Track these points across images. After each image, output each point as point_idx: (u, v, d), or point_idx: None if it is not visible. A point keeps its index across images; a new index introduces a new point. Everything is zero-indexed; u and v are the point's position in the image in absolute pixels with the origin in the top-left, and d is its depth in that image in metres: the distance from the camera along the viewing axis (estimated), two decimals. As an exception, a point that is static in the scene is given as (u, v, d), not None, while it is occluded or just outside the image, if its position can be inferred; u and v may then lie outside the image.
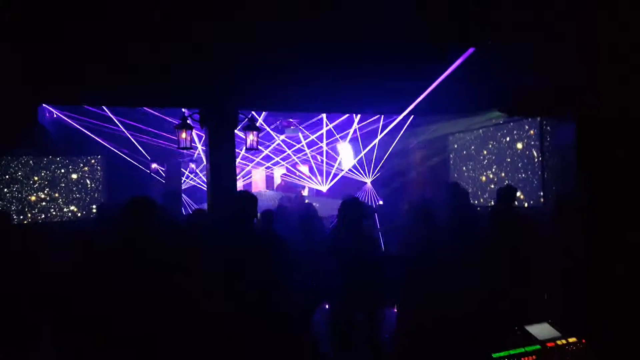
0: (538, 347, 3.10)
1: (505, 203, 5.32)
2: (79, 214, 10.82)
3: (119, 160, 10.25)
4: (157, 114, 8.96)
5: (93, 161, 10.96)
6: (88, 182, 10.94)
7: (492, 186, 9.46)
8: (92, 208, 10.76)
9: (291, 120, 10.01)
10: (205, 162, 7.13)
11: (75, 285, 3.22)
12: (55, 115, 8.92)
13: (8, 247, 3.78)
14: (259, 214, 4.76)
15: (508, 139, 9.15)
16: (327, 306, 5.01)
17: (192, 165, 11.61)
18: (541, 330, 3.28)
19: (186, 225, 4.94)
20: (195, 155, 10.73)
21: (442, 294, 3.78)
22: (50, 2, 4.20)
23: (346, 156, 11.71)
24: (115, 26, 4.62)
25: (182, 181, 11.67)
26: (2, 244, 3.82)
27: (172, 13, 4.53)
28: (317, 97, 6.56)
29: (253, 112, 6.59)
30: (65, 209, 10.76)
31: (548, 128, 8.16)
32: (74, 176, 10.84)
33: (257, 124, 6.28)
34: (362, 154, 11.14)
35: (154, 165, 10.84)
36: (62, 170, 10.76)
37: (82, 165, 10.91)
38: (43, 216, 10.50)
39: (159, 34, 4.84)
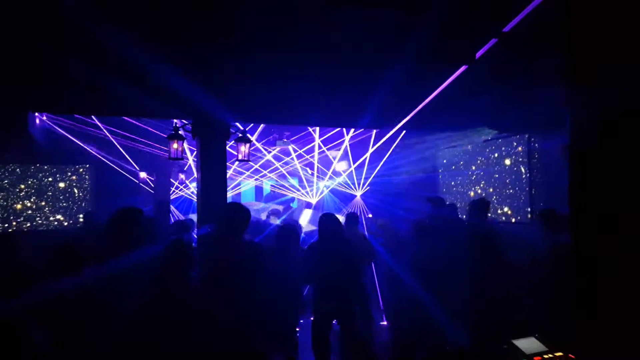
0: (525, 361, 3.13)
1: (480, 215, 5.39)
2: (66, 223, 10.71)
3: (108, 169, 10.19)
4: (141, 125, 8.96)
5: (81, 170, 10.88)
6: (76, 190, 10.85)
7: (481, 201, 9.54)
8: (79, 217, 10.65)
9: (285, 133, 10.07)
10: (195, 173, 7.12)
11: (57, 297, 3.19)
12: (44, 123, 8.87)
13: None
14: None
15: (496, 155, 9.26)
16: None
17: (182, 176, 11.57)
18: (528, 344, 3.31)
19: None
20: (186, 166, 10.72)
21: (436, 305, 3.82)
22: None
23: (341, 170, 11.76)
24: (107, 31, 4.61)
25: (171, 191, 11.62)
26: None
27: (166, 19, 4.54)
28: (310, 111, 6.61)
29: (238, 124, 6.61)
30: (51, 218, 10.65)
31: (536, 145, 8.28)
32: (62, 185, 10.75)
33: (251, 136, 6.29)
34: (353, 167, 11.20)
35: (142, 175, 10.79)
36: (50, 179, 10.66)
37: (70, 173, 10.82)
38: (28, 224, 10.38)
39: (151, 42, 4.85)
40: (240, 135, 6.00)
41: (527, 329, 3.51)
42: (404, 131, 9.66)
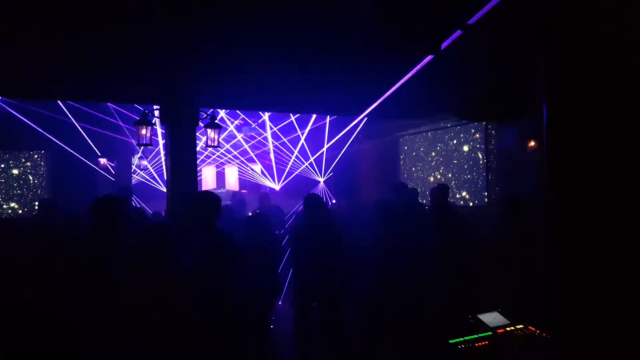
0: (490, 333, 3.38)
1: (440, 201, 5.65)
2: (20, 211, 10.34)
3: (65, 155, 9.86)
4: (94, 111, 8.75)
5: (36, 156, 10.50)
6: (30, 177, 10.47)
7: (440, 186, 9.89)
8: (35, 205, 10.31)
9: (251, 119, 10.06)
10: (163, 158, 7.03)
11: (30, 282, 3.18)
12: (-1, 107, 8.50)
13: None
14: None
15: (455, 141, 9.61)
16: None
17: (144, 162, 11.35)
18: (492, 318, 3.57)
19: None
20: (140, 150, 10.51)
21: (406, 286, 4.00)
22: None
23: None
24: (69, 10, 4.46)
25: (132, 178, 11.39)
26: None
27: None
28: (276, 98, 6.66)
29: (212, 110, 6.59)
30: (5, 206, 10.26)
31: (493, 132, 8.65)
32: (15, 171, 10.36)
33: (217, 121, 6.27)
34: (315, 155, 11.32)
35: (102, 161, 10.53)
36: (2, 165, 10.25)
37: (24, 160, 10.43)
38: (-20, 212, 9.98)
39: (116, 24, 4.73)
40: (209, 120, 5.99)
41: (488, 304, 3.76)
42: (366, 119, 9.86)
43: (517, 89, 5.81)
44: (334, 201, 11.01)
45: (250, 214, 6.75)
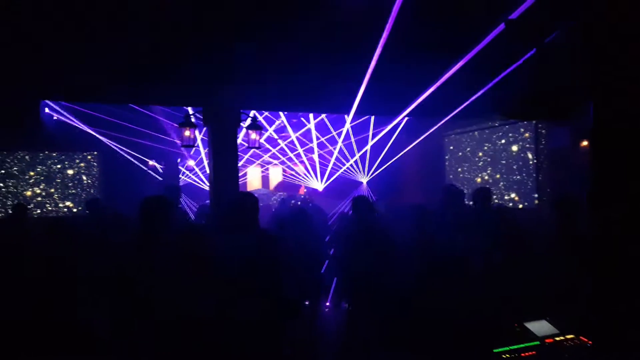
0: (537, 342, 3.21)
1: (484, 203, 5.44)
2: (75, 210, 10.81)
3: (116, 156, 10.24)
4: (147, 112, 9.00)
5: (90, 157, 10.95)
6: (84, 177, 10.93)
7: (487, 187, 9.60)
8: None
9: (292, 120, 10.10)
10: (206, 160, 7.14)
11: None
12: (53, 110, 8.92)
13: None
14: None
15: (503, 141, 9.29)
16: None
17: (191, 163, 11.61)
18: (540, 327, 3.39)
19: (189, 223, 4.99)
20: (192, 151, 10.75)
21: (445, 290, 3.87)
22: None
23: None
24: (116, 20, 4.63)
25: (180, 179, 11.68)
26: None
27: (174, 9, 4.55)
28: (318, 98, 6.64)
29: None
30: (60, 204, 10.75)
31: (543, 131, 8.30)
32: (70, 172, 10.83)
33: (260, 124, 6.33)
34: (357, 155, 11.23)
35: (151, 162, 10.85)
36: (59, 166, 10.75)
37: (78, 161, 10.90)
38: (39, 211, 10.49)
39: (162, 31, 4.87)
40: (251, 122, 6.03)
41: (536, 311, 3.58)
42: (407, 118, 9.69)
43: (569, 86, 5.52)
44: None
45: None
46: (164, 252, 3.22)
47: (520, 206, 8.81)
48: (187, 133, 5.64)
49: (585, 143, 7.08)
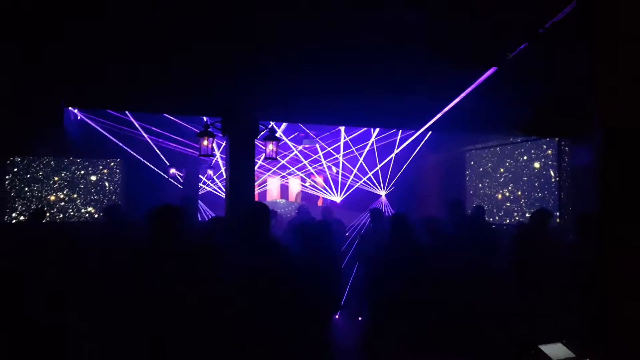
0: (552, 367, 3.10)
1: (538, 224, 5.34)
2: (97, 215, 11.00)
3: (138, 164, 10.39)
4: (176, 119, 9.11)
5: (112, 164, 11.16)
6: (106, 184, 11.13)
7: (508, 204, 9.43)
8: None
9: (309, 132, 10.11)
10: (223, 169, 7.18)
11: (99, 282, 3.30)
12: (78, 117, 9.11)
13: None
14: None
15: (525, 157, 9.13)
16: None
17: (210, 172, 11.72)
18: (556, 350, 3.28)
19: (202, 232, 4.98)
20: (213, 161, 10.85)
21: (461, 307, 3.80)
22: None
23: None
24: (141, 29, 4.73)
25: (199, 187, 11.79)
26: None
27: (197, 16, 4.62)
28: (337, 110, 6.65)
29: (272, 123, 6.68)
30: (83, 210, 10.95)
31: (566, 148, 8.13)
32: (93, 178, 11.05)
33: (277, 134, 6.35)
34: (378, 167, 11.17)
35: (172, 170, 10.99)
36: (82, 172, 10.97)
37: (101, 167, 11.11)
38: (61, 215, 10.70)
39: (184, 40, 4.95)
40: (268, 133, 6.06)
41: (552, 334, 3.47)
42: (430, 132, 9.61)
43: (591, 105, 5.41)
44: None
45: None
46: (166, 263, 3.22)
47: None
48: (205, 143, 5.69)
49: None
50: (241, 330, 3.39)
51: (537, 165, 8.85)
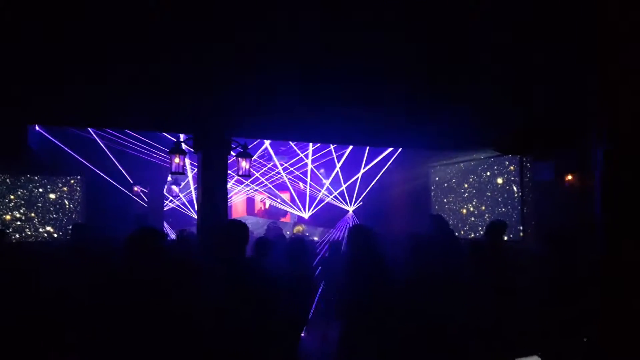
0: (530, 380, 3.18)
1: (494, 236, 5.48)
2: (55, 235, 10.58)
3: (100, 181, 10.08)
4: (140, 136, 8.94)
5: (72, 181, 10.78)
6: (66, 202, 10.74)
7: (473, 219, 9.67)
8: (69, 228, 10.53)
9: (281, 148, 10.13)
10: (194, 185, 7.07)
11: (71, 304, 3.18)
12: (39, 134, 8.81)
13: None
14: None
15: (488, 173, 9.42)
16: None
17: (176, 189, 11.52)
18: (533, 363, 3.37)
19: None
20: (185, 181, 10.69)
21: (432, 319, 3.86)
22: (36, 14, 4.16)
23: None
24: (103, 44, 4.62)
25: (164, 204, 11.55)
26: None
27: (166, 32, 4.57)
28: (307, 128, 6.69)
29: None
30: (41, 229, 10.51)
31: (528, 165, 8.44)
32: (52, 196, 10.64)
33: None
34: (346, 184, 11.26)
35: (136, 188, 10.72)
36: (40, 190, 10.56)
37: (60, 185, 10.72)
38: (17, 236, 10.23)
39: (150, 56, 4.88)
40: (241, 150, 6.03)
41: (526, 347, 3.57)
42: (400, 149, 9.78)
43: (555, 123, 5.68)
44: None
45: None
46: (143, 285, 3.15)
47: (506, 238, 8.87)
48: (177, 160, 5.60)
49: (569, 177, 7.21)
50: (214, 344, 3.34)
51: (500, 180, 9.14)
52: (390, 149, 7.99)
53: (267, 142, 9.50)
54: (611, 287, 2.01)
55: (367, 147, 10.11)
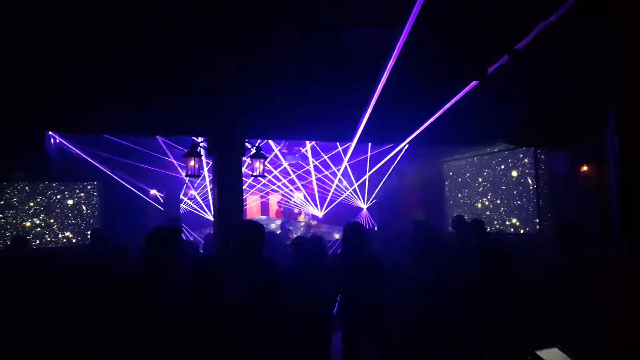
0: (551, 371, 3.17)
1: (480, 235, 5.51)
2: (74, 240, 10.75)
3: (117, 186, 10.23)
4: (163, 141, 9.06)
5: (89, 187, 10.94)
6: (84, 208, 10.90)
7: (488, 213, 9.63)
8: (87, 234, 10.68)
9: (295, 148, 10.17)
10: (210, 188, 7.12)
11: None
12: (57, 140, 8.95)
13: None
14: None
15: (503, 166, 9.36)
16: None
17: (193, 192, 11.61)
18: (552, 355, 3.35)
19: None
20: (197, 182, 10.78)
21: (453, 317, 3.86)
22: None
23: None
24: (118, 50, 4.72)
25: (181, 208, 11.65)
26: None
27: (180, 37, 4.66)
28: (322, 127, 6.73)
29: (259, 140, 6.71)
30: (60, 235, 10.69)
31: (542, 157, 8.39)
32: (70, 202, 10.80)
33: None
34: (360, 181, 11.27)
35: (152, 192, 10.84)
36: (58, 196, 10.73)
37: (78, 191, 10.88)
38: (37, 242, 10.42)
39: (165, 61, 4.97)
40: (255, 151, 6.08)
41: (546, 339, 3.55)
42: (408, 145, 9.76)
43: (570, 115, 5.64)
44: (376, 228, 10.86)
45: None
46: (164, 287, 3.20)
47: (522, 231, 8.83)
48: (192, 163, 5.66)
49: (585, 168, 7.15)
50: (239, 351, 3.38)
51: (514, 173, 9.08)
52: (401, 146, 7.99)
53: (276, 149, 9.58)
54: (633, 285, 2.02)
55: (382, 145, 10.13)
